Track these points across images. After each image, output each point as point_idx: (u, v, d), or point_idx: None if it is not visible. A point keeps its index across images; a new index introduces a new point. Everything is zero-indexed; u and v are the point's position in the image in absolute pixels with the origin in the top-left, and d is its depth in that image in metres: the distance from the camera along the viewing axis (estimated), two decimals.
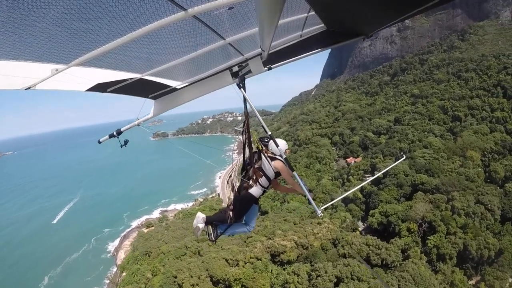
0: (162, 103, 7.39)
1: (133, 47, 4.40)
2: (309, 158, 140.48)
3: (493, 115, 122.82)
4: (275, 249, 76.76)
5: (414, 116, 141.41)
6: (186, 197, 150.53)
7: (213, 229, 8.12)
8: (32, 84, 4.15)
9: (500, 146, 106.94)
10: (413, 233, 79.62)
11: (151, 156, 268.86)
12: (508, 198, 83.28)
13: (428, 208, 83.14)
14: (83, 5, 2.94)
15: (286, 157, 7.09)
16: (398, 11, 5.22)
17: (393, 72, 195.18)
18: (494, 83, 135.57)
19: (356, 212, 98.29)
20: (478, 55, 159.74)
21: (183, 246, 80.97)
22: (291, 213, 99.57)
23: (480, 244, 72.26)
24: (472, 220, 78.55)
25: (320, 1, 4.77)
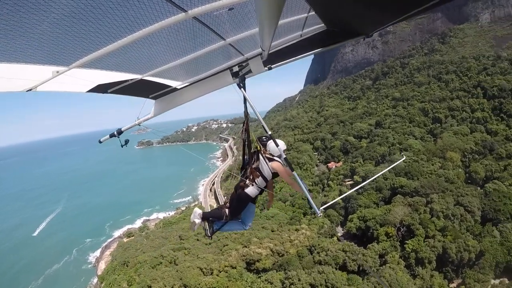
0: (162, 103, 7.38)
1: (133, 49, 4.36)
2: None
3: (473, 115, 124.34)
4: (250, 257, 75.34)
5: (395, 119, 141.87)
6: (169, 206, 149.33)
7: (209, 225, 8.17)
8: (33, 86, 4.09)
9: (480, 146, 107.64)
10: (392, 237, 78.16)
11: (136, 165, 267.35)
12: (488, 199, 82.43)
13: (406, 211, 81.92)
14: (84, 7, 2.91)
15: (286, 157, 6.99)
16: (398, 11, 5.17)
17: (375, 76, 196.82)
18: (474, 84, 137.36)
19: (335, 217, 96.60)
20: (458, 57, 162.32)
21: (159, 255, 79.66)
22: (270, 220, 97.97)
23: (460, 247, 71.03)
24: (452, 223, 77.50)
25: (320, 1, 4.78)
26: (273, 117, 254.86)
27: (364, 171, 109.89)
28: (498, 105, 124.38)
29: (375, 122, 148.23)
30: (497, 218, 78.43)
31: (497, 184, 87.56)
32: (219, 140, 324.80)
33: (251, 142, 8.04)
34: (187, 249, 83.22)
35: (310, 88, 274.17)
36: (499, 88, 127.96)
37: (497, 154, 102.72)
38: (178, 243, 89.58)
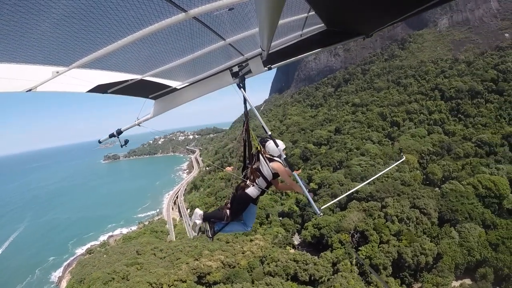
0: (162, 103, 7.34)
1: (133, 49, 4.40)
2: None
3: (430, 117, 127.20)
4: (200, 270, 73.22)
5: (353, 125, 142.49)
6: (133, 221, 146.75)
7: (211, 226, 8.08)
8: (33, 87, 4.11)
9: (438, 147, 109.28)
10: (346, 244, 76.36)
11: (102, 179, 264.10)
12: (445, 199, 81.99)
13: (361, 217, 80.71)
14: (84, 7, 2.94)
15: (286, 157, 6.98)
16: (399, 10, 5.18)
17: (336, 83, 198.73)
18: (432, 87, 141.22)
19: (290, 226, 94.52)
20: (417, 61, 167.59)
21: (112, 271, 77.63)
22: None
23: (416, 251, 69.55)
24: (407, 226, 76.32)
25: (320, 1, 4.78)
26: (238, 127, 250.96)
27: (320, 178, 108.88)
28: (456, 106, 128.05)
29: (334, 129, 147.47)
30: (455, 219, 77.54)
31: (454, 184, 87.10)
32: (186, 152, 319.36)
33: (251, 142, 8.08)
34: (140, 264, 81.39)
35: (275, 97, 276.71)
36: (456, 90, 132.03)
37: (455, 154, 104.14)
38: (133, 258, 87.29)
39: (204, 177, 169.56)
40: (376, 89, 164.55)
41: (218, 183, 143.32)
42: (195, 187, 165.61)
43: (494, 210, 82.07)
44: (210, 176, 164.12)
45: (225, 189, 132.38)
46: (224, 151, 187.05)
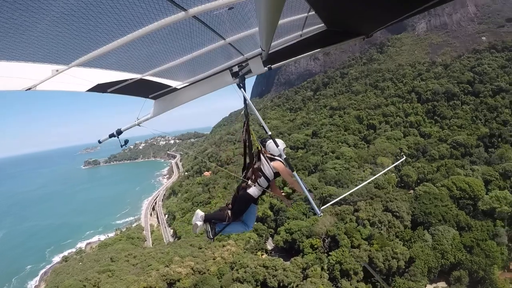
0: (162, 103, 7.31)
1: (133, 48, 4.40)
2: (227, 179, 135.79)
3: (407, 120, 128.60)
4: (170, 276, 72.64)
5: (330, 128, 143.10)
6: (112, 227, 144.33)
7: (211, 227, 8.03)
8: (33, 85, 4.09)
9: (413, 149, 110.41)
10: (317, 249, 75.59)
11: (82, 185, 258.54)
12: (418, 202, 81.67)
13: (333, 221, 79.81)
14: (84, 5, 2.93)
15: (286, 157, 6.84)
16: (399, 10, 5.19)
17: (316, 87, 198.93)
18: (408, 90, 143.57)
19: (263, 231, 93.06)
20: (395, 65, 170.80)
21: (84, 278, 76.50)
22: (198, 237, 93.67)
23: (387, 255, 68.84)
24: (379, 230, 75.83)
25: (320, 1, 4.80)
26: (218, 131, 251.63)
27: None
28: (432, 108, 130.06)
29: (311, 132, 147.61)
30: (428, 221, 77.29)
31: (428, 186, 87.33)
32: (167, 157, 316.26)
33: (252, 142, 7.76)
34: (111, 271, 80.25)
35: (255, 101, 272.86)
36: (432, 92, 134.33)
37: (430, 156, 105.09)
38: (106, 265, 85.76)
39: (183, 182, 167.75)
40: (354, 92, 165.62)
41: (195, 188, 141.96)
42: (174, 192, 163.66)
43: (469, 212, 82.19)
44: (188, 181, 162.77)
45: (202, 194, 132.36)
46: (203, 156, 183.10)
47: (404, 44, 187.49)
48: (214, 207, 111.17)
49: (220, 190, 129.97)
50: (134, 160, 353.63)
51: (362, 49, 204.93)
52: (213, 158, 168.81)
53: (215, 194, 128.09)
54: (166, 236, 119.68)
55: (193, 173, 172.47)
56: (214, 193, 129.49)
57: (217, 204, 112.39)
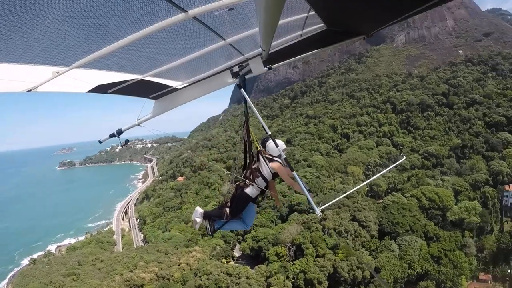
0: (162, 103, 7.30)
1: (134, 49, 4.40)
2: (199, 184, 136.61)
3: (380, 129, 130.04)
4: (134, 282, 70.90)
5: (304, 136, 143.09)
6: (83, 230, 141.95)
7: (211, 223, 8.07)
8: (33, 87, 4.11)
9: (385, 159, 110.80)
10: (282, 257, 74.64)
11: (56, 187, 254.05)
12: (386, 212, 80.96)
13: (299, 229, 79.12)
14: (84, 8, 2.92)
15: (286, 157, 6.95)
16: (399, 10, 5.22)
17: (293, 95, 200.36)
18: (384, 100, 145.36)
19: (231, 238, 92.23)
20: (372, 75, 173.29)
21: (49, 282, 75.35)
22: (166, 242, 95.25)
23: (352, 265, 68.19)
24: (345, 239, 75.07)
25: (320, 1, 4.81)
26: (195, 136, 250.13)
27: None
28: (406, 118, 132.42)
29: (286, 140, 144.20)
30: (395, 231, 77.07)
31: (396, 196, 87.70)
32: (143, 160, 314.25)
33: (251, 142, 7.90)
34: (76, 274, 78.95)
35: (234, 107, 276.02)
36: (407, 103, 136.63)
37: (401, 166, 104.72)
38: (72, 268, 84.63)
39: (156, 187, 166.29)
40: (330, 101, 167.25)
41: (167, 193, 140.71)
42: (147, 196, 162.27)
43: (437, 222, 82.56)
44: (161, 186, 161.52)
45: (174, 199, 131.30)
46: (178, 161, 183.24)
47: (382, 55, 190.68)
48: (184, 213, 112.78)
49: (192, 195, 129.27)
50: (110, 163, 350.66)
51: (341, 59, 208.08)
52: (187, 163, 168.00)
53: (186, 199, 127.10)
54: (136, 241, 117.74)
55: (167, 177, 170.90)
56: (185, 198, 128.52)
57: (188, 210, 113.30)
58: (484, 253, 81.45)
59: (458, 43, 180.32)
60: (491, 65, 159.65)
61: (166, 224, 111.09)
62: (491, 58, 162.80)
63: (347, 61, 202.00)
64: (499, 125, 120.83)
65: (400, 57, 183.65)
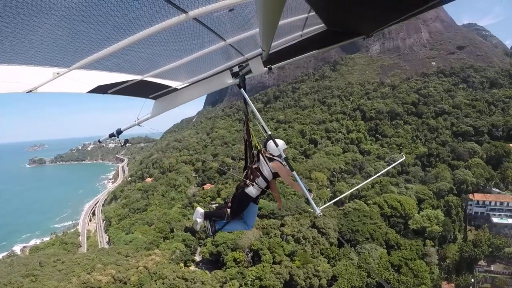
0: (162, 103, 7.31)
1: (134, 50, 4.41)
2: (166, 186, 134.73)
3: (348, 136, 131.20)
4: (90, 284, 69.64)
5: None
6: (50, 231, 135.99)
7: (211, 224, 8.02)
8: (34, 88, 4.12)
9: (350, 166, 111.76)
10: (240, 263, 73.97)
11: (24, 185, 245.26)
12: (347, 219, 79.74)
13: (258, 235, 78.54)
14: (84, 9, 2.96)
15: (285, 157, 7.01)
16: (399, 10, 5.24)
17: (267, 99, 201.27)
18: (354, 107, 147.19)
19: (191, 241, 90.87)
20: (345, 83, 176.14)
21: (8, 282, 73.12)
22: (128, 245, 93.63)
23: (309, 272, 67.50)
24: (303, 246, 74.41)
25: (320, 2, 4.85)
26: (167, 137, 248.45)
27: (226, 193, 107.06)
28: (374, 126, 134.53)
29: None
30: (355, 239, 76.65)
31: (358, 203, 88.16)
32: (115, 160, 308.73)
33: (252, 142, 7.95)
34: (35, 275, 76.67)
35: (208, 109, 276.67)
36: (377, 111, 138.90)
37: (366, 173, 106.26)
38: (32, 269, 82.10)
39: (125, 188, 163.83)
40: (302, 107, 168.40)
41: (134, 194, 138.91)
42: (115, 197, 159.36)
43: (399, 230, 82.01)
44: (130, 187, 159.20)
45: (140, 200, 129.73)
46: (148, 161, 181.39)
47: (356, 64, 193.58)
48: (149, 215, 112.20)
49: (158, 197, 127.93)
50: (81, 162, 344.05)
51: (316, 65, 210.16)
52: (156, 164, 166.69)
53: (152, 201, 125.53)
54: (101, 242, 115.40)
55: (135, 178, 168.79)
56: (152, 200, 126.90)
57: (152, 212, 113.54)
58: (447, 262, 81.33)
59: (431, 55, 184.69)
60: (462, 77, 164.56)
61: (130, 226, 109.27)
62: (462, 71, 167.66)
63: (321, 68, 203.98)
64: (466, 135, 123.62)
65: (374, 66, 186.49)
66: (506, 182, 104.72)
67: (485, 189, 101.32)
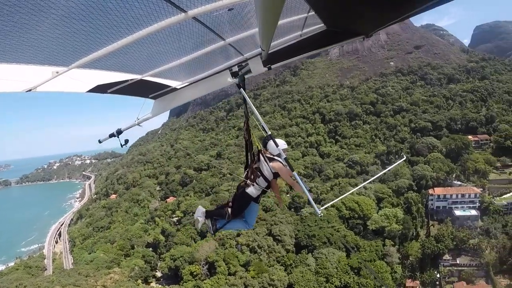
0: (162, 103, 7.34)
1: (133, 49, 4.42)
2: (130, 202, 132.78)
3: (307, 140, 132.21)
4: None
5: (234, 149, 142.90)
6: (15, 255, 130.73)
7: (213, 223, 7.99)
8: (33, 87, 4.10)
9: (310, 169, 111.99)
10: (197, 276, 73.17)
11: None
12: (303, 224, 78.94)
13: (214, 246, 77.98)
14: (83, 8, 2.94)
15: (286, 157, 6.88)
16: (399, 10, 5.17)
17: (229, 107, 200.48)
18: (313, 111, 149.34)
19: (151, 257, 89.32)
20: (305, 87, 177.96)
21: None
22: (88, 264, 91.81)
23: (264, 282, 67.11)
24: (258, 255, 74.21)
25: (319, 2, 4.82)
26: (133, 151, 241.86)
27: (186, 205, 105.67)
28: (333, 128, 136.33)
29: (216, 153, 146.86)
30: (312, 245, 76.29)
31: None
32: (82, 178, 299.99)
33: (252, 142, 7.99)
34: None
35: (172, 120, 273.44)
36: (336, 113, 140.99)
37: (325, 175, 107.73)
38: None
39: (90, 206, 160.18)
40: (263, 113, 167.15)
41: (98, 212, 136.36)
42: (81, 217, 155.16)
43: (359, 232, 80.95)
44: (95, 205, 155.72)
45: (104, 218, 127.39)
46: (113, 177, 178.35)
47: (316, 68, 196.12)
48: (112, 232, 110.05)
49: (122, 214, 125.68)
50: (48, 181, 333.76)
51: (277, 71, 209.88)
52: (121, 180, 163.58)
53: (115, 218, 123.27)
54: (66, 264, 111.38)
55: (100, 196, 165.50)
56: (115, 217, 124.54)
57: (115, 229, 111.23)
58: (410, 259, 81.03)
59: (389, 56, 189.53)
60: (420, 75, 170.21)
61: (92, 245, 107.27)
62: (420, 69, 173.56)
63: (282, 74, 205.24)
64: (424, 130, 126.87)
65: (334, 69, 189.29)
66: (467, 173, 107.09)
67: (446, 182, 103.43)
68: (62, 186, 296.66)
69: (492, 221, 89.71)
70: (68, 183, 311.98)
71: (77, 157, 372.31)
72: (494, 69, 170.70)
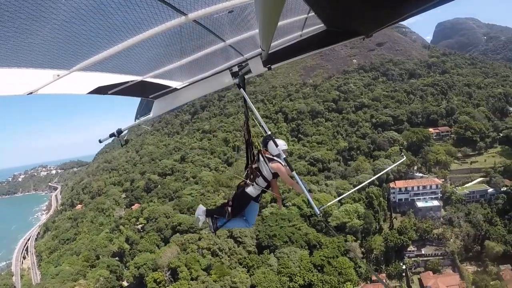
0: (162, 103, 7.37)
1: (134, 52, 4.44)
2: (95, 211, 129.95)
3: None
4: None
5: (197, 152, 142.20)
6: None
7: (213, 221, 8.17)
8: (34, 90, 4.10)
9: None
10: (161, 283, 72.27)
11: None
12: (264, 225, 79.51)
13: (176, 252, 77.44)
14: (84, 12, 2.95)
15: (285, 157, 6.96)
16: (399, 11, 5.14)
17: (194, 110, 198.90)
18: (276, 110, 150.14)
19: (116, 267, 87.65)
20: (269, 87, 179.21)
21: None
22: (54, 278, 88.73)
23: (226, 285, 67.33)
24: (220, 258, 74.20)
25: (319, 2, 4.90)
26: (99, 159, 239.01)
27: (148, 211, 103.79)
28: (296, 126, 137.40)
29: (180, 157, 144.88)
30: (273, 244, 76.54)
31: (275, 207, 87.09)
32: (48, 189, 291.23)
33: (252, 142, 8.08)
34: None
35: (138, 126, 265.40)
36: (298, 111, 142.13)
37: None
38: None
39: (56, 218, 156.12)
40: (226, 114, 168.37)
41: (64, 224, 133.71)
42: (47, 229, 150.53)
43: (321, 229, 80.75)
44: (60, 216, 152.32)
45: (70, 230, 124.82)
46: (78, 187, 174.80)
47: (280, 67, 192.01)
48: (77, 243, 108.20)
49: (87, 224, 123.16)
50: (13, 195, 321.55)
51: None
52: (86, 190, 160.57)
53: (81, 229, 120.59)
54: (35, 280, 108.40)
55: (66, 207, 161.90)
56: (81, 228, 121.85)
57: (81, 240, 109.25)
58: (374, 253, 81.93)
59: (352, 53, 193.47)
60: (382, 71, 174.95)
61: (58, 258, 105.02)
62: (382, 65, 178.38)
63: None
64: (386, 125, 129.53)
65: (297, 68, 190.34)
66: (428, 165, 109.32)
67: (408, 175, 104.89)
68: (28, 199, 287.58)
69: (454, 210, 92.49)
70: (34, 195, 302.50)
71: (42, 167, 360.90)
72: (454, 63, 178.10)
